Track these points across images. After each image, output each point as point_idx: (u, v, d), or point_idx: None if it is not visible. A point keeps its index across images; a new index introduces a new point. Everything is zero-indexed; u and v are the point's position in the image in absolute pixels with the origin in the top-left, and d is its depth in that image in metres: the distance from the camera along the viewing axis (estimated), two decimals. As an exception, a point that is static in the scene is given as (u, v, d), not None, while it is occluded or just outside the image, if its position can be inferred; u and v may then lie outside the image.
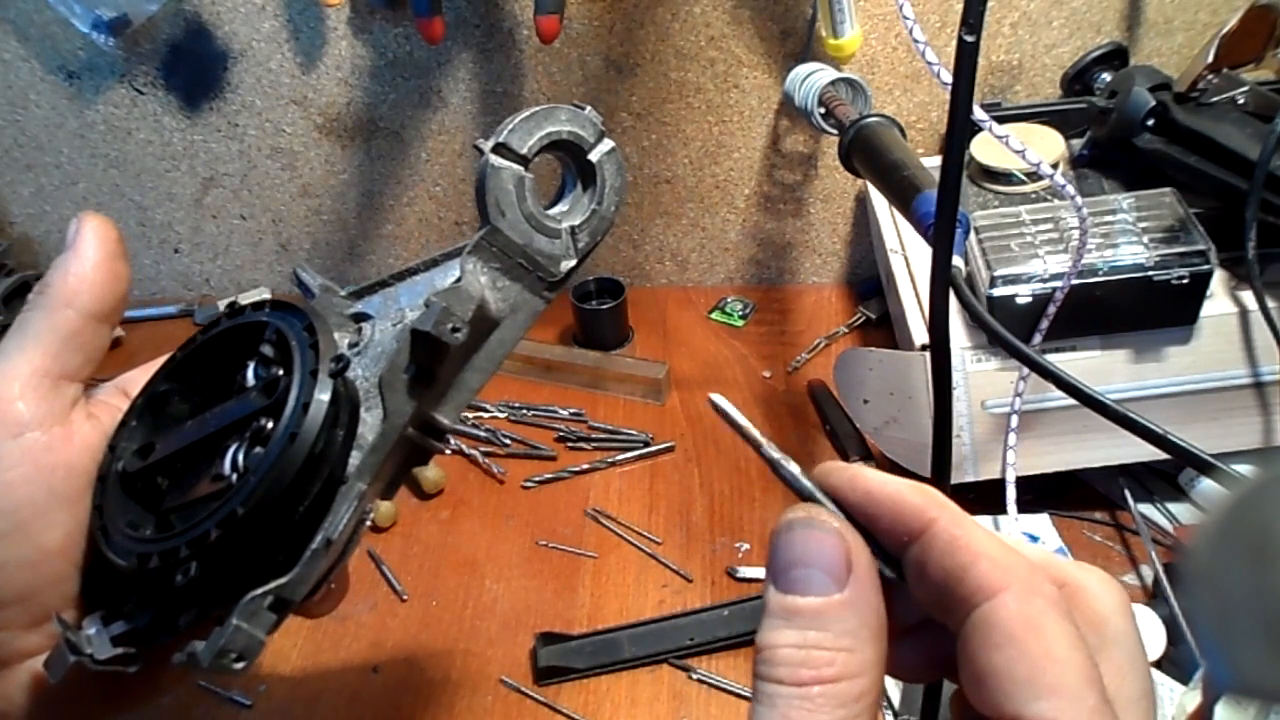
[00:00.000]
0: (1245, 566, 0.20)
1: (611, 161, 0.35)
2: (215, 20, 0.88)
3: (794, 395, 0.87)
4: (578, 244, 0.35)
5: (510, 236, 0.33)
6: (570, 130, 0.34)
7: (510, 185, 0.32)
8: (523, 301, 0.34)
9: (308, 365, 0.29)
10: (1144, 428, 0.42)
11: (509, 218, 0.32)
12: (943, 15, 0.83)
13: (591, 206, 0.35)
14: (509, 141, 0.32)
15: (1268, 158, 0.61)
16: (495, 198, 0.32)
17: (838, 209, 0.96)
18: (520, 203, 0.32)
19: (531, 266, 0.34)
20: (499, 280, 0.33)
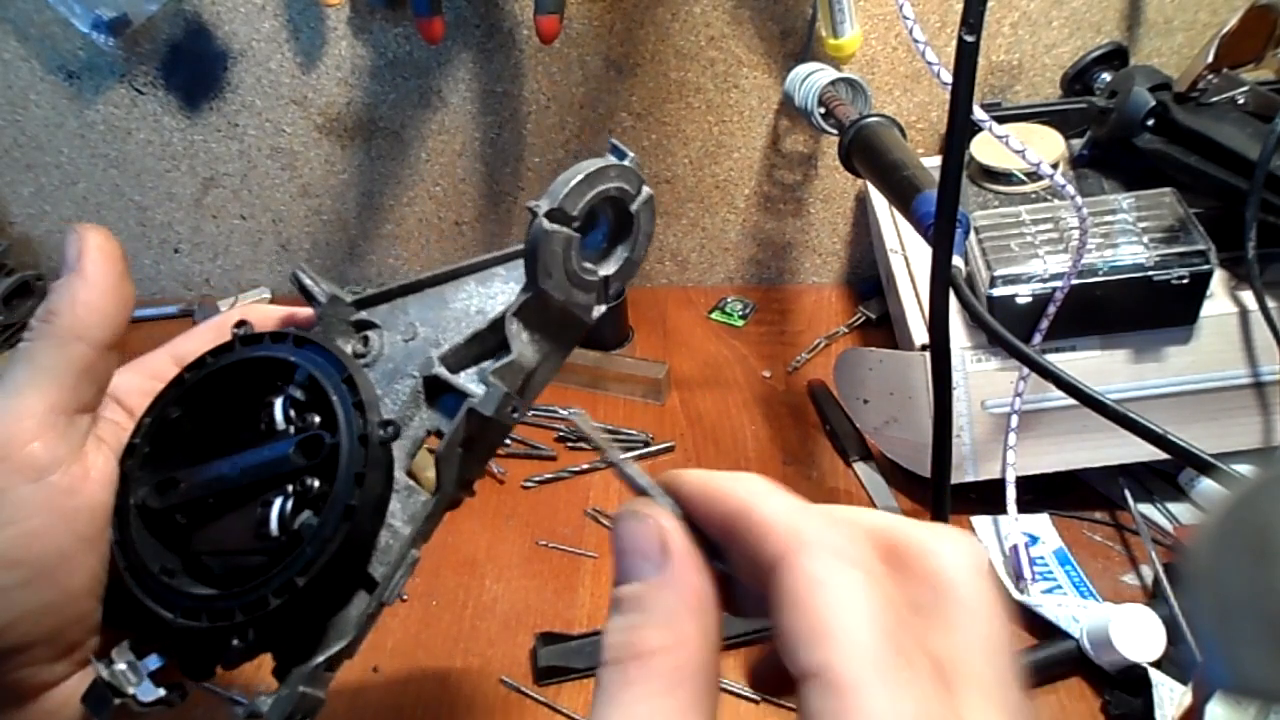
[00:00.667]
0: (1245, 566, 0.20)
1: (648, 210, 0.35)
2: (215, 20, 0.88)
3: (794, 395, 0.87)
4: (609, 292, 0.35)
5: (553, 295, 0.33)
6: (617, 187, 0.33)
7: (560, 249, 0.32)
8: (553, 351, 0.34)
9: (354, 429, 0.29)
10: (1144, 428, 0.42)
11: (555, 279, 0.32)
12: (943, 15, 0.83)
13: (625, 255, 0.35)
14: (564, 207, 0.32)
15: (1268, 158, 0.61)
16: (546, 264, 0.32)
17: (838, 209, 0.96)
18: (566, 263, 0.32)
19: (566, 320, 0.34)
20: (535, 335, 0.33)
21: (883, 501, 0.74)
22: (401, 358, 0.33)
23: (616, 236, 0.35)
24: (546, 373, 0.34)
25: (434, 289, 0.35)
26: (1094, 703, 0.59)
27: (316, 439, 0.29)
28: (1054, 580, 0.66)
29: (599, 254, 0.35)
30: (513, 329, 0.32)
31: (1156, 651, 0.58)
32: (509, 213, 0.99)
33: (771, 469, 0.79)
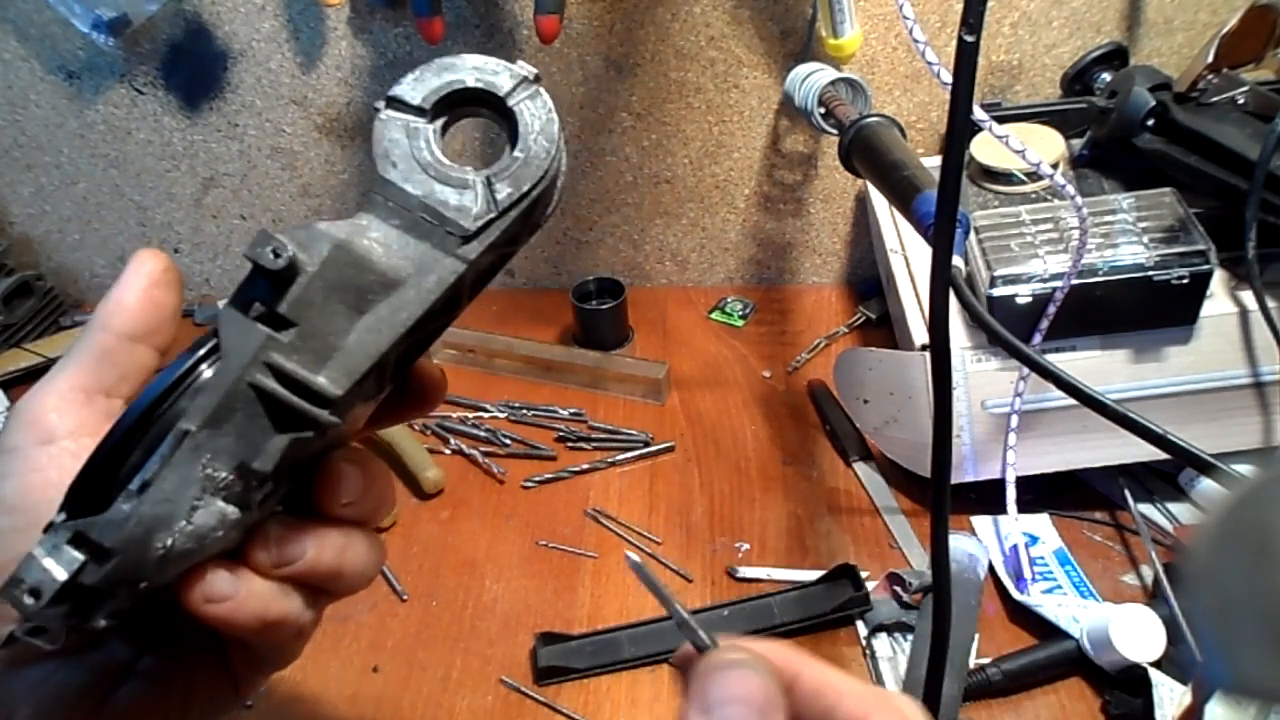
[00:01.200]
0: (1245, 566, 0.20)
1: (533, 103, 0.31)
2: (215, 20, 0.88)
3: (794, 395, 0.87)
4: (496, 195, 0.31)
5: (405, 188, 0.30)
6: (477, 79, 0.31)
7: (401, 135, 0.30)
8: (431, 260, 0.30)
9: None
10: (1144, 428, 0.42)
11: (400, 168, 0.30)
12: (943, 15, 0.83)
13: (514, 154, 0.31)
14: (400, 93, 0.30)
15: (1268, 158, 0.61)
16: (384, 148, 0.30)
17: (838, 209, 0.96)
18: (415, 153, 0.30)
19: (437, 221, 0.30)
20: (399, 237, 0.30)
21: (883, 501, 0.74)
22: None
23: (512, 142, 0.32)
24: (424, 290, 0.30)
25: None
26: (1094, 703, 0.59)
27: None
28: (1054, 580, 0.66)
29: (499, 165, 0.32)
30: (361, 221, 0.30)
31: (1156, 651, 0.58)
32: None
33: (771, 469, 0.79)
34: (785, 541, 0.72)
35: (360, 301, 0.29)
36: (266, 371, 0.28)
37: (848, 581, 0.65)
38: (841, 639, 0.65)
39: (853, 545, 0.72)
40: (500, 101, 0.31)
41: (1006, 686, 0.60)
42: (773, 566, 0.70)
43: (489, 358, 0.93)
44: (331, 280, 0.29)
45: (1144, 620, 0.58)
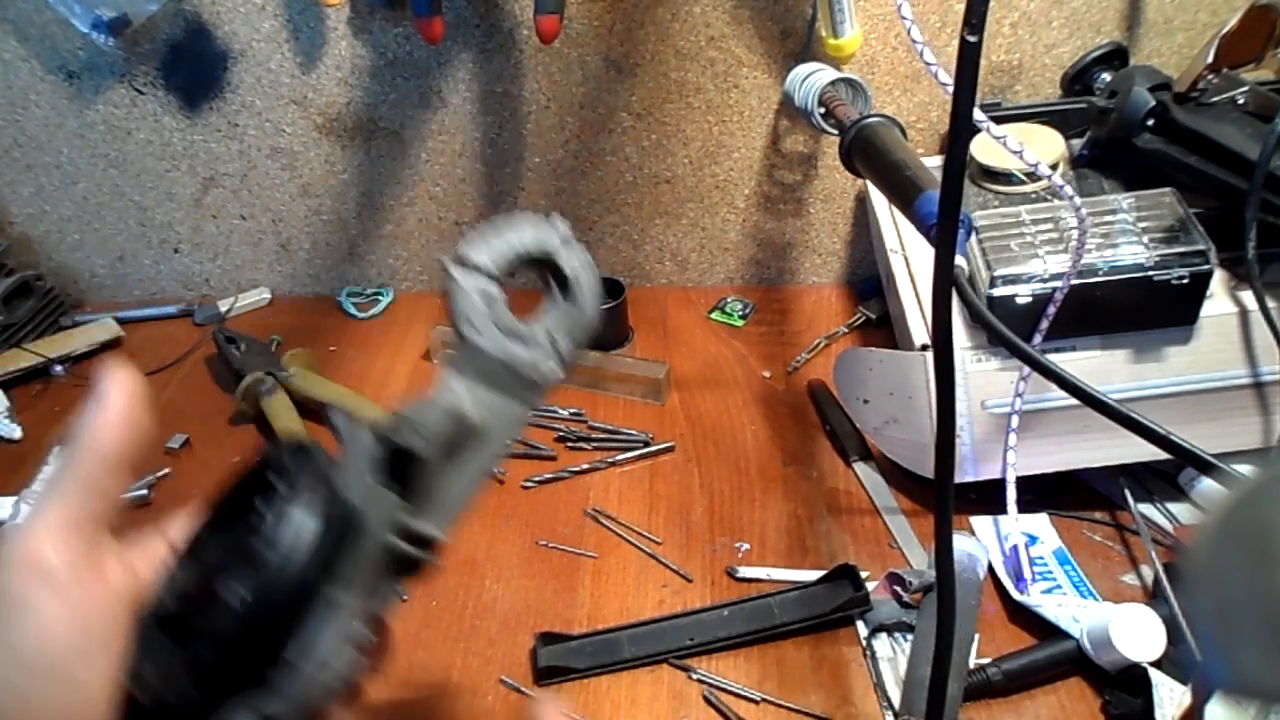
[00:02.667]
0: (1245, 566, 0.20)
1: (586, 270, 0.35)
2: (215, 20, 0.88)
3: (794, 395, 0.87)
4: (558, 348, 0.35)
5: (485, 349, 0.33)
6: (537, 242, 0.34)
7: (476, 297, 0.33)
8: (507, 409, 0.34)
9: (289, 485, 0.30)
10: (1145, 427, 0.42)
11: (481, 330, 0.33)
12: (942, 15, 0.83)
13: (570, 311, 0.35)
14: (468, 254, 0.33)
15: (1268, 158, 0.61)
16: (463, 311, 0.33)
17: (838, 209, 0.96)
18: (491, 314, 0.33)
19: (511, 375, 0.34)
20: (480, 391, 0.34)
21: (883, 501, 0.74)
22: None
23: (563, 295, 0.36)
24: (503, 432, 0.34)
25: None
26: (1094, 703, 0.59)
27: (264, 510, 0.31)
28: (1054, 580, 0.66)
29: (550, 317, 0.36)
30: (446, 380, 0.33)
31: (1156, 651, 0.58)
32: (509, 213, 0.99)
33: (771, 469, 0.79)
34: (785, 541, 0.72)
35: (455, 453, 0.33)
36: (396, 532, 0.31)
37: (848, 581, 0.65)
38: (841, 639, 0.65)
39: (853, 545, 0.72)
40: (555, 264, 0.35)
41: (1006, 686, 0.60)
42: (773, 566, 0.70)
43: (489, 358, 0.93)
44: (442, 444, 0.32)
45: (1144, 620, 0.58)
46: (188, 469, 0.84)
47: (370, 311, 1.03)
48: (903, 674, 0.62)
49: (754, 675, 0.63)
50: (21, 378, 0.95)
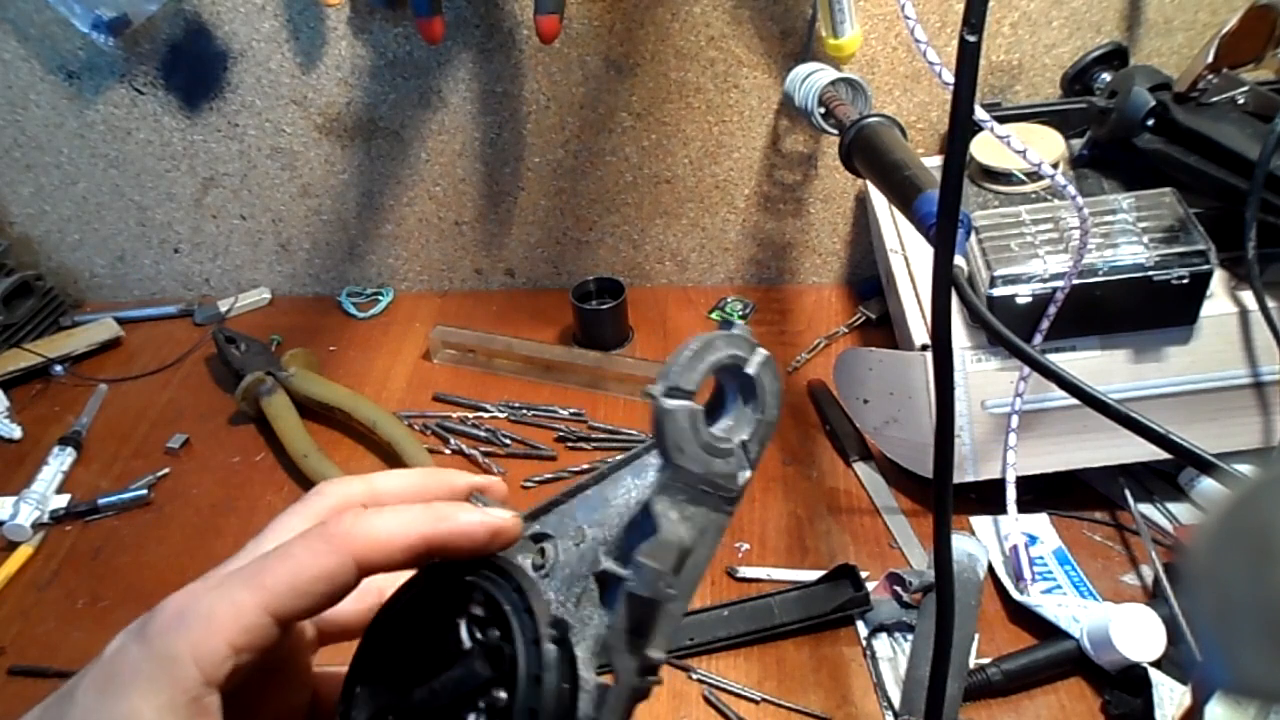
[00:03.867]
0: (1245, 566, 0.20)
1: (768, 370, 0.36)
2: (215, 20, 0.88)
3: (794, 395, 0.87)
4: (750, 456, 0.35)
5: (691, 469, 0.34)
6: (729, 355, 0.35)
7: (686, 424, 0.33)
8: (710, 522, 0.35)
9: (528, 634, 0.30)
10: (1145, 427, 0.42)
11: (688, 453, 0.33)
12: (942, 15, 0.83)
13: (756, 417, 0.36)
14: (679, 384, 0.33)
15: (1268, 158, 0.61)
16: (675, 439, 0.33)
17: (838, 209, 0.96)
18: (696, 436, 0.33)
19: (713, 489, 0.35)
20: (685, 509, 0.34)
21: (883, 501, 0.74)
22: (575, 562, 0.34)
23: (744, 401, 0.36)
24: (706, 547, 0.35)
25: (595, 489, 0.36)
26: (1094, 703, 0.59)
27: (497, 650, 0.30)
28: (1054, 580, 0.66)
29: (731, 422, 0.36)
30: (658, 508, 0.33)
31: (1156, 651, 0.58)
32: (509, 213, 0.99)
33: (771, 469, 0.79)
34: (785, 541, 0.72)
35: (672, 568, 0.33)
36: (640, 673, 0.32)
37: (848, 581, 0.65)
38: (841, 639, 0.65)
39: (853, 545, 0.72)
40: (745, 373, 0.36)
41: (1006, 686, 0.60)
42: (773, 566, 0.70)
43: (489, 358, 0.93)
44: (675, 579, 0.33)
45: (1144, 620, 0.58)
46: (188, 469, 0.84)
47: (370, 311, 1.03)
48: (903, 674, 0.62)
49: (754, 675, 0.63)
50: (21, 378, 0.95)
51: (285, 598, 0.28)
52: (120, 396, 0.93)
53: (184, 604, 0.28)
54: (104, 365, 0.98)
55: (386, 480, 0.35)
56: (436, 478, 0.35)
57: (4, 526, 0.77)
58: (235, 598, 0.28)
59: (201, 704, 0.27)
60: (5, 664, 0.68)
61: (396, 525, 0.30)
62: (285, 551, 0.29)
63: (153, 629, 0.28)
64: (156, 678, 0.27)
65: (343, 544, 0.29)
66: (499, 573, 0.32)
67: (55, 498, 0.81)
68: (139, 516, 0.80)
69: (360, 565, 0.29)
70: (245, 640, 0.27)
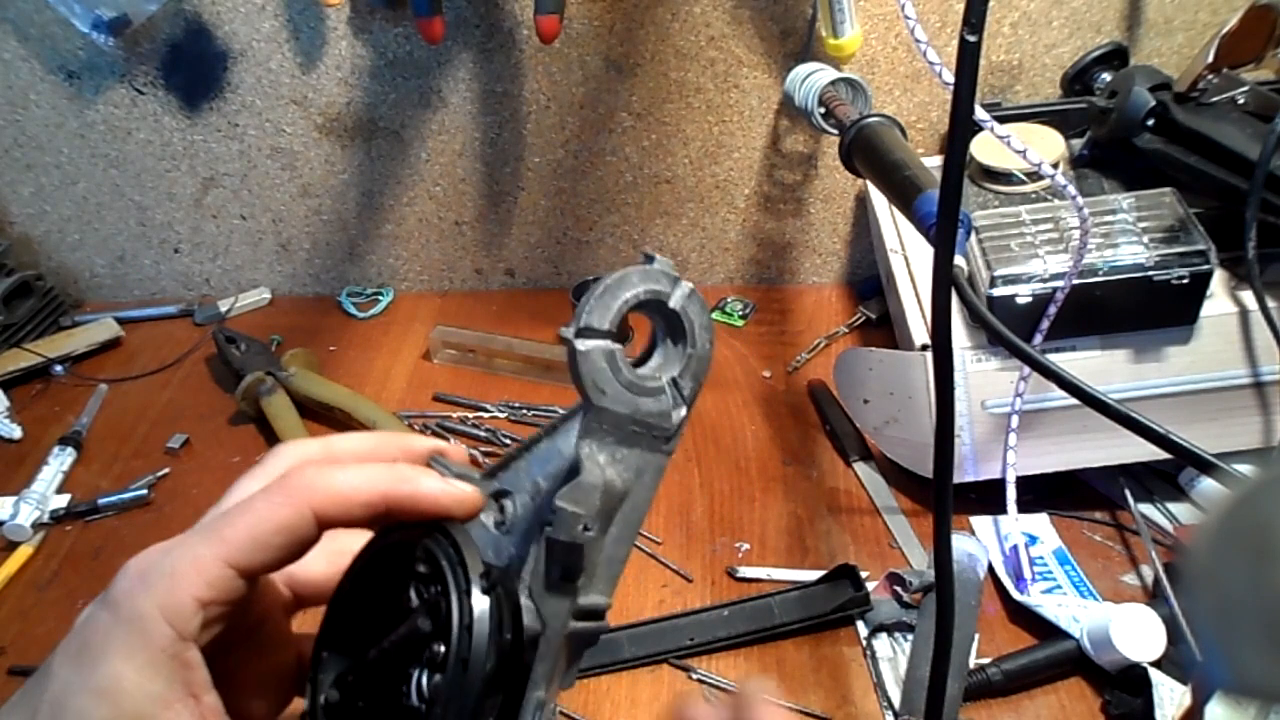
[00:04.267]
0: (1245, 566, 0.20)
1: (694, 303, 0.35)
2: (215, 20, 0.88)
3: (794, 395, 0.87)
4: (683, 392, 0.35)
5: (616, 410, 0.33)
6: (646, 289, 0.34)
7: (603, 363, 0.32)
8: (646, 463, 0.34)
9: (461, 584, 0.30)
10: (1145, 427, 0.42)
11: (609, 393, 0.33)
12: (942, 15, 0.83)
13: (687, 352, 0.35)
14: (591, 323, 0.32)
15: (1268, 158, 0.61)
16: (592, 380, 0.32)
17: (838, 209, 0.96)
18: (616, 375, 0.33)
19: (644, 429, 0.34)
20: (617, 452, 0.34)
21: (883, 501, 0.74)
22: (531, 516, 0.34)
23: (673, 338, 0.36)
24: (644, 490, 0.34)
25: (546, 442, 0.36)
26: (1094, 703, 0.59)
27: (435, 605, 0.30)
28: (1054, 580, 0.66)
29: (660, 360, 0.36)
30: (583, 452, 0.33)
31: (1156, 651, 0.58)
32: (509, 213, 0.99)
33: (771, 469, 0.79)
34: (785, 541, 0.72)
35: (606, 520, 0.33)
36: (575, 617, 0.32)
37: (848, 581, 0.65)
38: (842, 639, 0.65)
39: (853, 545, 0.72)
40: (666, 306, 0.35)
41: (1006, 686, 0.60)
42: (773, 566, 0.70)
43: (489, 358, 0.93)
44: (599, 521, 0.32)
45: (1144, 620, 0.58)
46: (188, 469, 0.84)
47: (370, 311, 1.03)
48: (903, 674, 0.62)
49: (754, 675, 0.63)
50: (21, 378, 0.95)
51: (245, 550, 0.28)
52: (120, 396, 0.93)
53: (145, 565, 0.28)
54: (104, 365, 0.98)
55: (344, 441, 0.35)
56: (394, 440, 0.35)
57: (4, 526, 0.77)
58: (196, 553, 0.28)
59: (182, 658, 0.27)
60: (5, 664, 0.68)
61: (358, 480, 0.30)
62: (245, 506, 0.29)
63: (117, 593, 0.28)
64: (130, 639, 0.27)
65: (301, 496, 0.29)
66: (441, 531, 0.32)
67: (55, 498, 0.81)
68: (139, 516, 0.80)
69: (319, 518, 0.29)
70: (210, 594, 0.28)
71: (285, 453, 0.33)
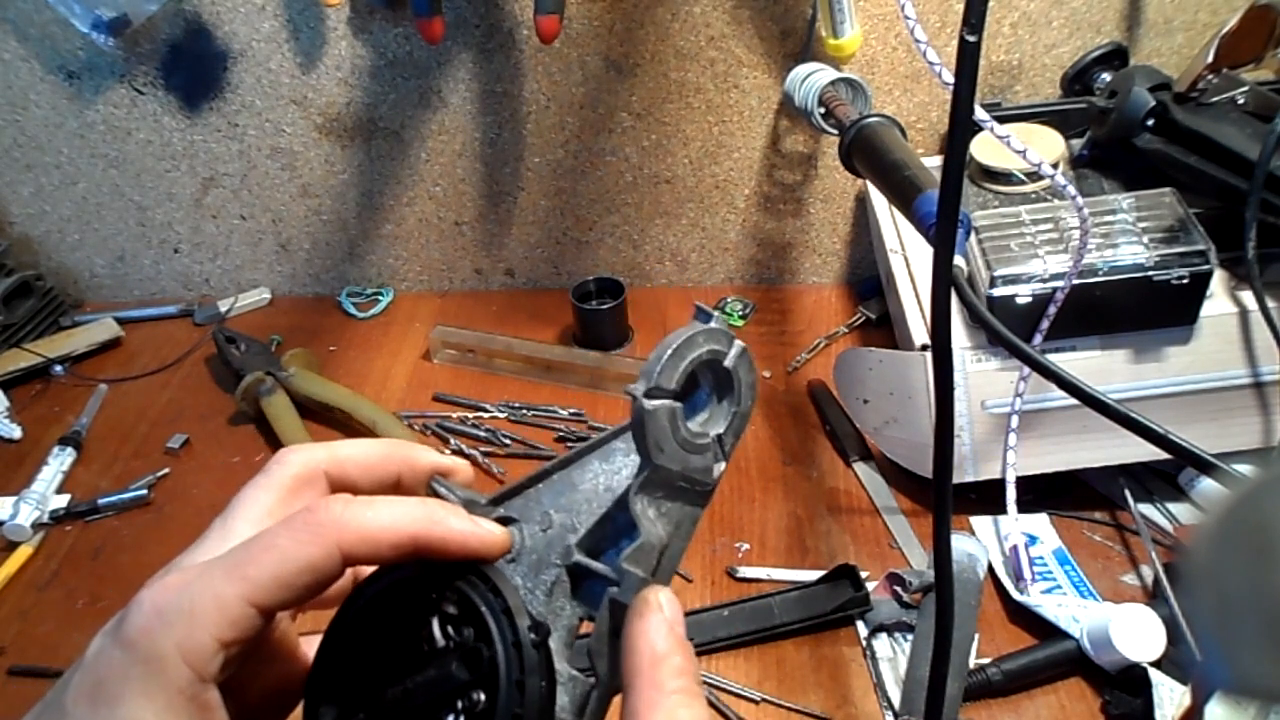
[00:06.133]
0: (1245, 566, 0.20)
1: (745, 363, 0.35)
2: (215, 20, 0.88)
3: (794, 395, 0.87)
4: (724, 448, 0.35)
5: (670, 468, 0.33)
6: (709, 350, 0.34)
7: (665, 422, 0.33)
8: (685, 515, 0.35)
9: (507, 636, 0.30)
10: (1145, 427, 0.42)
11: (667, 451, 0.33)
12: (942, 15, 0.83)
13: (731, 409, 0.35)
14: (661, 383, 0.33)
15: (1268, 158, 0.61)
16: (655, 439, 0.32)
17: (838, 209, 0.96)
18: (675, 434, 0.33)
19: (689, 484, 0.34)
20: (662, 506, 0.34)
21: (883, 501, 0.74)
22: (543, 548, 0.34)
23: (719, 393, 0.36)
24: (681, 540, 0.35)
25: (561, 474, 0.36)
26: (1094, 703, 0.59)
27: (474, 652, 0.30)
28: (1054, 580, 0.66)
29: (706, 415, 0.36)
30: (638, 509, 0.33)
31: (1156, 651, 0.58)
32: (509, 213, 0.99)
33: (771, 469, 0.79)
34: (785, 541, 0.72)
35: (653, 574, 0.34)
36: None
37: (848, 581, 0.65)
38: (842, 639, 0.65)
39: (853, 545, 0.72)
40: (721, 366, 0.35)
41: (1006, 686, 0.60)
42: (773, 566, 0.70)
43: (489, 358, 0.93)
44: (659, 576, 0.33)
45: (1144, 620, 0.58)
46: (187, 469, 0.84)
47: (370, 311, 1.03)
48: (903, 674, 0.62)
49: (754, 675, 0.63)
50: (21, 378, 0.95)
51: (269, 589, 0.27)
52: (120, 396, 0.93)
53: (162, 601, 0.27)
54: (104, 365, 0.98)
55: (349, 448, 0.34)
56: (400, 450, 0.35)
57: (4, 526, 0.77)
58: (217, 590, 0.27)
59: (201, 700, 0.26)
60: (5, 664, 0.68)
61: (388, 519, 0.29)
62: (269, 541, 0.28)
63: (133, 630, 0.27)
64: (148, 681, 0.26)
65: (329, 534, 0.28)
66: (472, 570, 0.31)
67: (55, 498, 0.81)
68: (139, 516, 0.80)
69: (346, 556, 0.28)
70: (232, 634, 0.27)
71: (291, 460, 0.33)
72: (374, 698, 0.31)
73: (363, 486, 0.34)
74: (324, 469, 0.33)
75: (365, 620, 0.32)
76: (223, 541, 0.30)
